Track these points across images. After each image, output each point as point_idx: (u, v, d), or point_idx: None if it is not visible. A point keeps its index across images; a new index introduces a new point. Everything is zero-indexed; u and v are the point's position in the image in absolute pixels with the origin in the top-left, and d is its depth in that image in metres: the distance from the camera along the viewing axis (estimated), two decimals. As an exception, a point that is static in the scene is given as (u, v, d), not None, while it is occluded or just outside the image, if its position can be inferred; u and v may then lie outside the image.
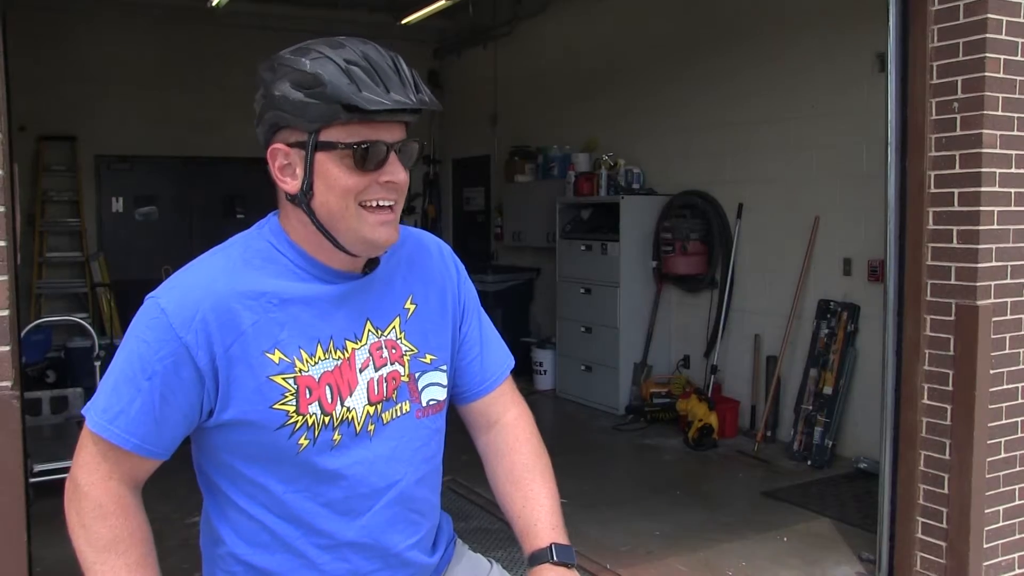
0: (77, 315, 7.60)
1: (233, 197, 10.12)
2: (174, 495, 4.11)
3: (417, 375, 1.56)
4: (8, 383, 2.50)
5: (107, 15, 9.02)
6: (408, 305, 1.58)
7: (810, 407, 5.93)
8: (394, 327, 1.55)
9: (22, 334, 4.24)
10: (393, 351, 1.54)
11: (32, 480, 3.63)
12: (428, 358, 1.58)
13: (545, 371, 8.14)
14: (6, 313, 2.50)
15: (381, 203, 1.41)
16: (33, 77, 8.41)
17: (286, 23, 9.23)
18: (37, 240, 8.96)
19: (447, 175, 10.96)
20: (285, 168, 1.41)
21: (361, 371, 1.49)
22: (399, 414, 1.53)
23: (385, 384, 1.52)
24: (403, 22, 9.63)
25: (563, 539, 1.61)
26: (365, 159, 1.37)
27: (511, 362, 1.77)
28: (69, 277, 9.28)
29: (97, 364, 5.70)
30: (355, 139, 1.37)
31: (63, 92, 8.92)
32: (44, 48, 8.76)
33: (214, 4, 8.28)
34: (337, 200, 1.39)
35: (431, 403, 1.58)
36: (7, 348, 2.50)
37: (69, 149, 9.16)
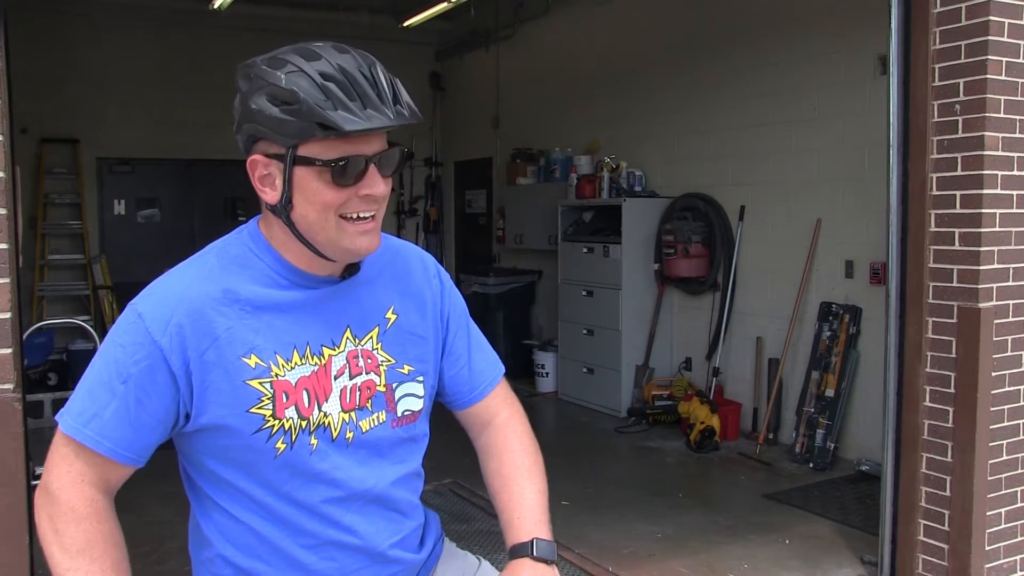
0: (79, 318, 7.60)
1: (235, 199, 10.11)
2: (174, 498, 4.11)
3: (394, 385, 1.57)
4: (10, 385, 2.50)
5: (108, 17, 9.03)
6: (389, 315, 1.59)
7: (812, 409, 5.92)
8: (371, 337, 1.55)
9: (24, 337, 4.24)
10: (369, 361, 1.54)
11: (34, 482, 3.63)
12: (406, 369, 1.59)
13: (547, 373, 8.14)
14: (8, 316, 2.51)
15: (362, 215, 1.41)
16: (35, 80, 8.42)
17: (287, 25, 9.23)
18: (39, 243, 8.96)
19: (449, 177, 10.96)
20: (265, 178, 1.41)
21: (336, 378, 1.50)
22: (376, 423, 1.54)
23: (359, 393, 1.52)
24: (404, 24, 9.63)
25: (546, 534, 1.61)
26: (343, 175, 1.36)
27: (501, 369, 1.78)
28: (71, 280, 9.28)
29: (99, 366, 5.70)
30: (333, 155, 1.35)
31: (65, 95, 8.93)
32: (46, 51, 8.76)
33: (216, 6, 8.29)
34: (316, 213, 1.39)
35: (405, 413, 1.58)
36: (9, 351, 2.51)
37: (71, 152, 9.17)
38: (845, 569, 4.19)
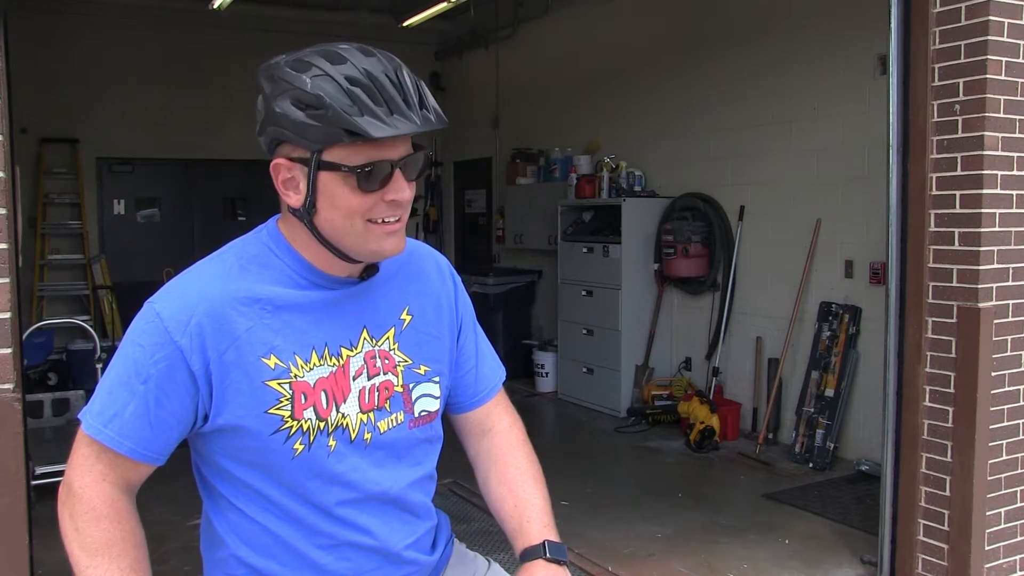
0: (79, 317, 7.61)
1: (234, 199, 10.14)
2: (176, 498, 4.13)
3: (411, 386, 1.57)
4: (9, 385, 2.50)
5: (109, 17, 9.03)
6: (404, 316, 1.58)
7: (811, 409, 5.93)
8: (388, 338, 1.55)
9: (24, 336, 4.25)
10: (386, 361, 1.54)
11: (33, 482, 3.63)
12: (422, 369, 1.58)
13: (546, 373, 8.14)
14: (8, 316, 2.51)
15: (387, 219, 1.41)
16: (34, 79, 8.43)
17: (287, 25, 9.24)
18: (39, 243, 8.96)
19: (449, 177, 10.97)
20: (288, 182, 1.40)
21: (354, 379, 1.50)
22: (395, 424, 1.54)
23: (377, 393, 1.52)
24: (404, 24, 9.64)
25: (555, 537, 1.62)
26: (368, 181, 1.36)
27: (503, 374, 1.78)
28: (71, 280, 9.29)
29: (99, 366, 5.71)
30: (358, 161, 1.34)
31: (64, 94, 8.94)
32: (46, 50, 8.77)
33: (216, 6, 8.29)
34: (341, 218, 1.38)
35: (422, 414, 1.58)
36: (9, 350, 2.51)
37: (70, 151, 9.17)
38: (845, 569, 4.19)
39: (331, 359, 1.47)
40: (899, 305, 3.84)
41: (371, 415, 1.51)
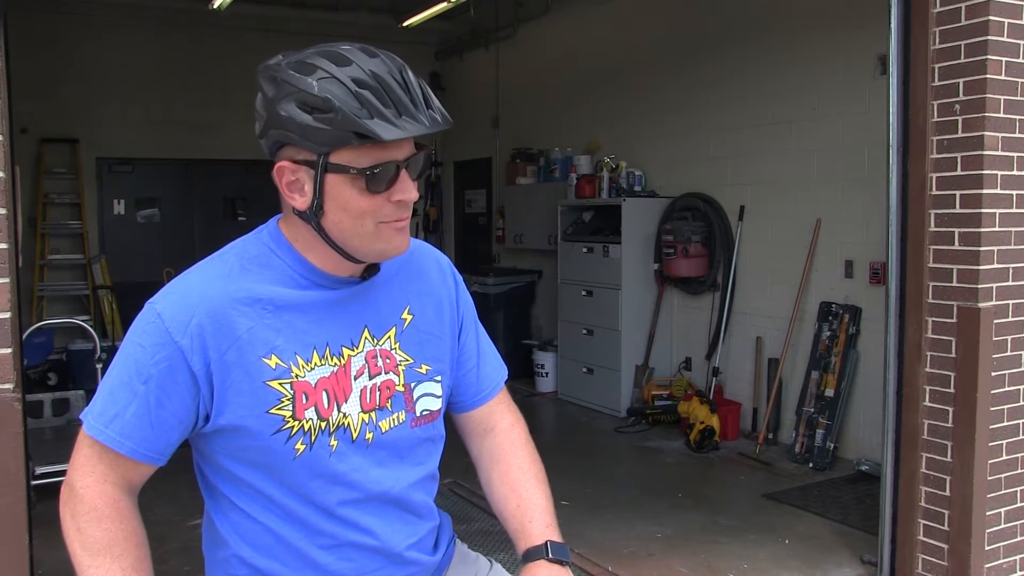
0: (79, 317, 7.61)
1: (234, 199, 10.15)
2: (176, 498, 4.13)
3: (413, 385, 1.56)
4: (9, 385, 2.50)
5: (109, 17, 9.03)
6: (405, 316, 1.58)
7: (812, 409, 5.93)
8: (389, 337, 1.55)
9: (24, 336, 4.25)
10: (387, 360, 1.54)
11: (33, 482, 3.64)
12: (423, 368, 1.58)
13: (546, 373, 8.14)
14: (8, 315, 2.51)
15: (393, 219, 1.41)
16: (34, 79, 8.42)
17: (287, 25, 9.24)
18: (39, 243, 8.97)
19: (449, 177, 10.97)
20: (293, 184, 1.39)
21: (355, 378, 1.49)
22: (396, 423, 1.53)
23: (378, 393, 1.52)
24: (404, 24, 9.64)
25: (558, 538, 1.63)
26: (376, 182, 1.36)
27: (505, 373, 1.78)
28: (71, 280, 9.29)
29: (99, 366, 5.71)
30: (366, 163, 1.34)
31: (64, 94, 8.94)
32: (46, 50, 8.77)
33: (216, 6, 8.29)
34: (350, 220, 1.38)
35: (424, 413, 1.58)
36: (9, 350, 2.51)
37: (70, 151, 9.17)
38: (845, 569, 4.19)
39: (332, 359, 1.47)
40: (899, 305, 3.84)
41: (372, 415, 1.50)
